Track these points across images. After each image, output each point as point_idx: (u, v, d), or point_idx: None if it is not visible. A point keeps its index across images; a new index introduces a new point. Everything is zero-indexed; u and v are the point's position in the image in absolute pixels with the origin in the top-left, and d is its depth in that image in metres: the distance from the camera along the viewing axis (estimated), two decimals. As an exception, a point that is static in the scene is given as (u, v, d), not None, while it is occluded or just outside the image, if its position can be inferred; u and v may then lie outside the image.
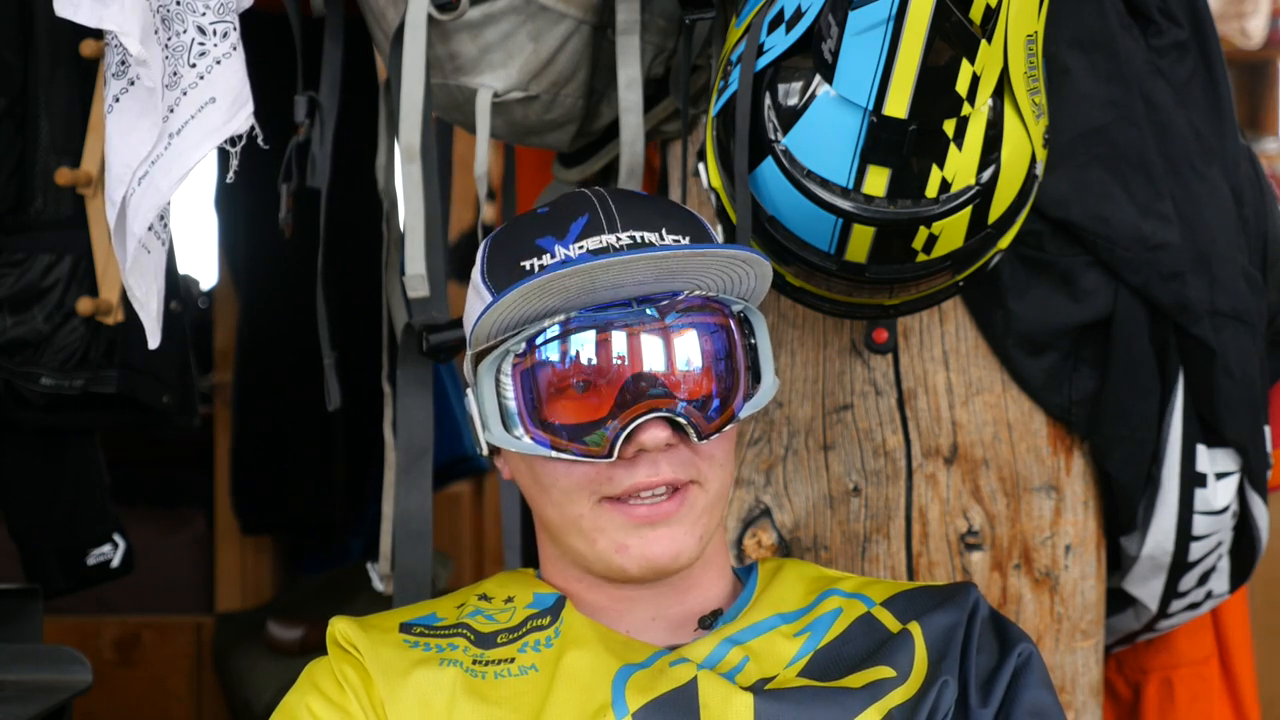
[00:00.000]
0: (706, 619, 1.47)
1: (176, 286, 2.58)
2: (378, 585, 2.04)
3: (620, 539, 1.41)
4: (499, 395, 1.42)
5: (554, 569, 1.50)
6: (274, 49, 2.07)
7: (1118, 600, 1.98)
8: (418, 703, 1.39)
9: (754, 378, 1.45)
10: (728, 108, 1.58)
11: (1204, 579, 1.95)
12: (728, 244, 1.43)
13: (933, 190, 1.49)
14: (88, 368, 2.43)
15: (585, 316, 1.39)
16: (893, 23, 1.42)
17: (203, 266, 4.61)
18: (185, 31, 1.59)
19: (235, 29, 1.61)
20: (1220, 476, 1.88)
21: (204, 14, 1.59)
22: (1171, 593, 1.94)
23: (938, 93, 1.44)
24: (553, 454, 1.40)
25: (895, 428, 1.85)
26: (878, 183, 1.48)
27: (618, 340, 1.39)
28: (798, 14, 1.52)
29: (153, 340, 1.66)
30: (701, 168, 1.67)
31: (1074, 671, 1.88)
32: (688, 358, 1.40)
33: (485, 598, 1.49)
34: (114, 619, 3.83)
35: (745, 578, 1.54)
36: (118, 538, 2.62)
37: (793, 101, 1.51)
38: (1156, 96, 1.83)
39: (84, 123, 2.38)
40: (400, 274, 1.87)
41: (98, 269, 2.39)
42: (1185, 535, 1.89)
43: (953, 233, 1.52)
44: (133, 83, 1.60)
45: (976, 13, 1.43)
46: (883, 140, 1.46)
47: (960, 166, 1.49)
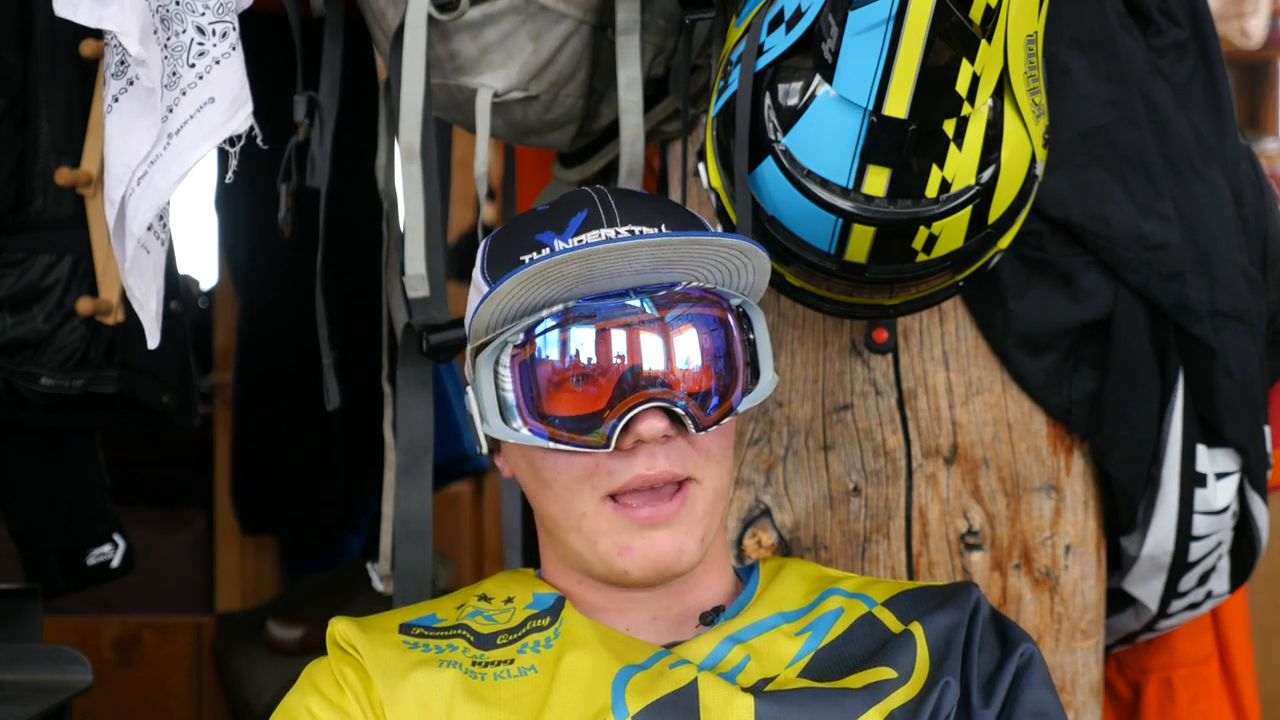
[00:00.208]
0: (708, 615, 1.47)
1: (176, 286, 2.58)
2: (378, 585, 2.04)
3: (623, 541, 1.40)
4: (497, 387, 1.42)
5: (554, 569, 1.50)
6: (274, 49, 2.07)
7: (1118, 600, 1.98)
8: (417, 704, 1.39)
9: (753, 373, 1.45)
10: (728, 108, 1.58)
11: (1204, 579, 1.95)
12: (724, 233, 1.43)
13: (933, 190, 1.49)
14: (88, 368, 2.42)
15: (583, 305, 1.39)
16: (893, 23, 1.42)
17: (203, 266, 4.61)
18: (184, 31, 1.59)
19: (234, 29, 1.61)
20: (1220, 476, 1.88)
21: (203, 14, 1.59)
22: (1171, 593, 1.94)
23: (938, 93, 1.44)
24: (550, 445, 1.39)
25: (895, 428, 1.85)
26: (878, 183, 1.48)
27: (615, 331, 1.38)
28: (798, 14, 1.52)
29: (152, 340, 1.66)
30: (701, 168, 1.67)
31: (1074, 671, 1.88)
32: (686, 350, 1.40)
33: (485, 598, 1.49)
34: (114, 619, 3.83)
35: (746, 577, 1.54)
36: (118, 538, 2.61)
37: (793, 101, 1.51)
38: (1156, 96, 1.83)
39: (84, 123, 2.38)
40: (400, 274, 1.87)
41: (98, 269, 2.39)
42: (1185, 535, 1.89)
43: (953, 233, 1.52)
44: (132, 83, 1.60)
45: (976, 13, 1.43)
46: (883, 140, 1.46)
47: (960, 166, 1.49)
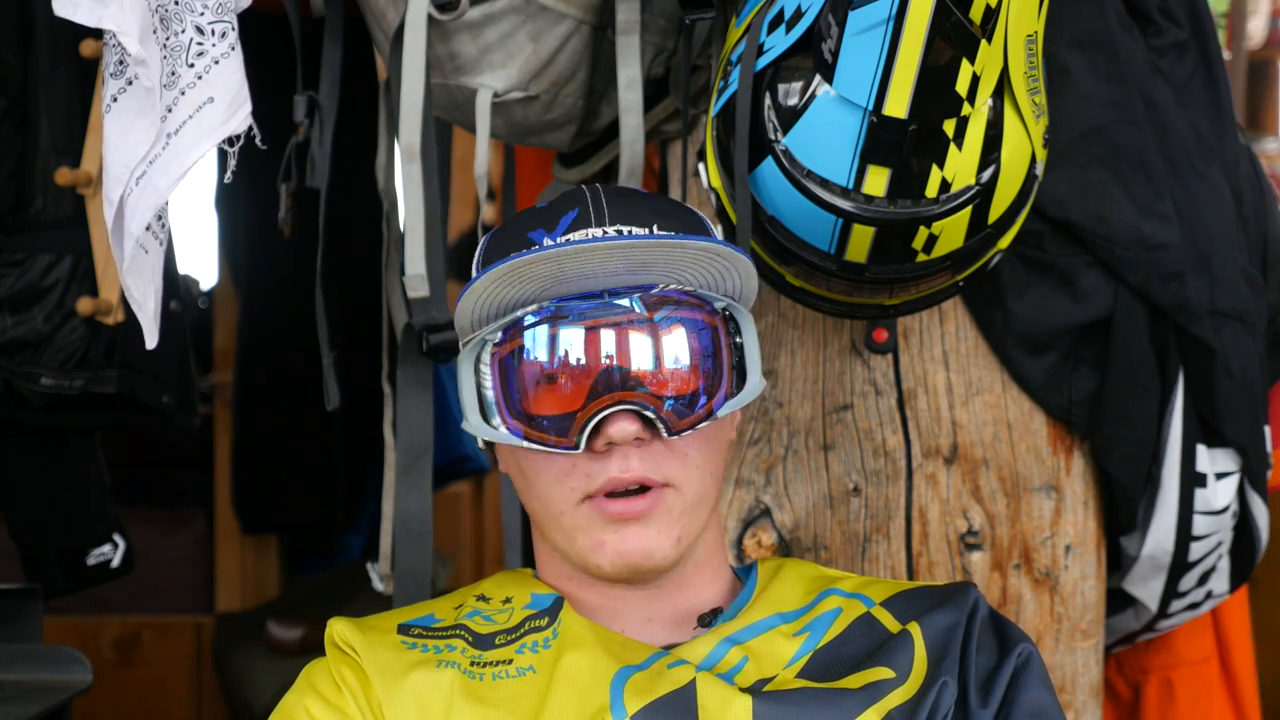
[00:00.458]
0: (706, 617, 1.47)
1: (176, 286, 2.58)
2: (378, 585, 2.04)
3: (597, 536, 1.40)
4: (478, 385, 1.43)
5: (549, 567, 1.50)
6: (274, 49, 2.07)
7: (1118, 600, 1.98)
8: (415, 704, 1.39)
9: (740, 377, 1.43)
10: (728, 108, 1.57)
11: (1204, 579, 1.95)
12: (700, 237, 1.41)
13: (933, 190, 1.48)
14: (88, 368, 2.42)
15: (558, 306, 1.39)
16: (893, 23, 1.41)
17: (203, 266, 4.62)
18: (184, 31, 1.59)
19: (234, 29, 1.61)
20: (1220, 476, 1.88)
21: (202, 14, 1.59)
22: (1171, 593, 1.94)
23: (938, 93, 1.44)
24: (524, 444, 1.40)
25: (895, 428, 1.85)
26: (878, 183, 1.48)
27: (588, 331, 1.38)
28: (798, 14, 1.52)
29: (150, 340, 1.66)
30: (701, 168, 1.67)
31: (1074, 671, 1.88)
32: (661, 352, 1.39)
33: (483, 598, 1.49)
34: (114, 619, 3.83)
35: (745, 577, 1.54)
36: (118, 538, 2.61)
37: (793, 101, 1.51)
38: (1156, 96, 1.83)
39: (84, 123, 2.38)
40: (400, 274, 1.87)
41: (98, 269, 2.39)
42: (1185, 535, 1.89)
43: (953, 233, 1.52)
44: (131, 82, 1.60)
45: (976, 13, 1.43)
46: (883, 140, 1.46)
47: (960, 166, 1.48)
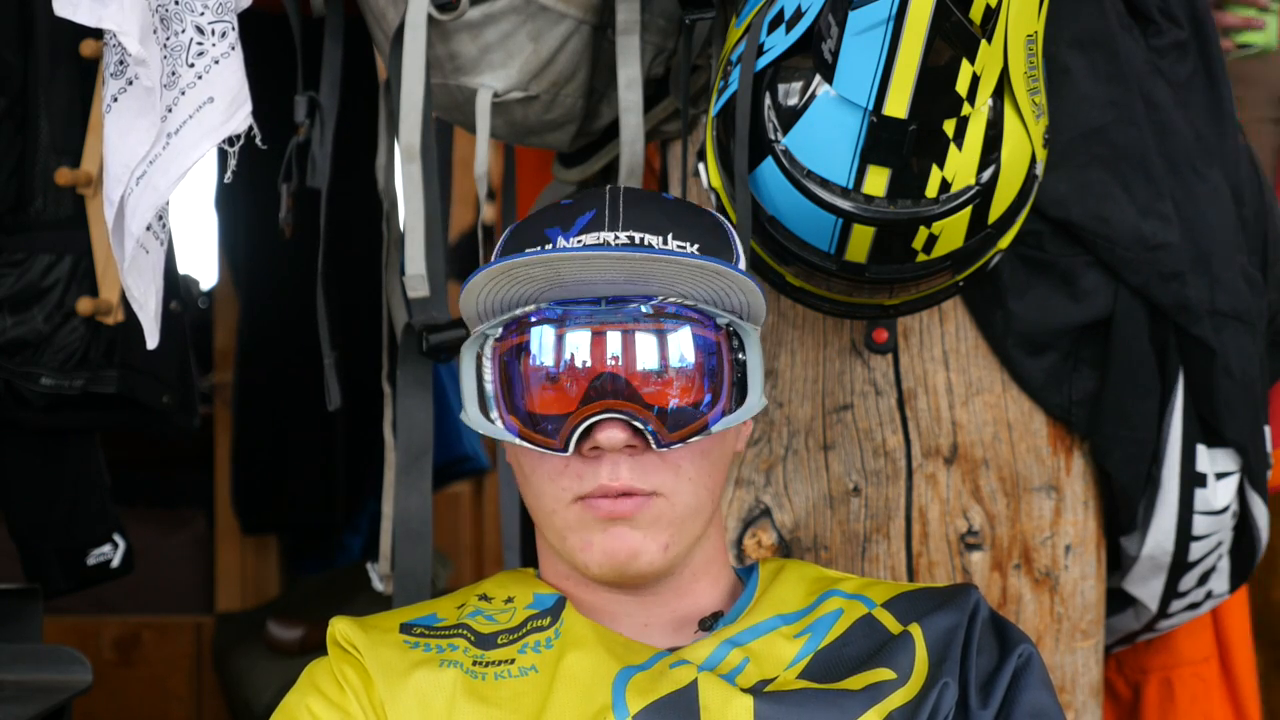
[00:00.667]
0: (707, 621, 1.47)
1: (176, 286, 2.58)
2: (378, 585, 2.04)
3: (586, 536, 1.40)
4: (479, 378, 1.43)
5: (550, 567, 1.50)
6: (274, 49, 2.07)
7: (1118, 600, 1.98)
8: (417, 703, 1.39)
9: (740, 394, 1.42)
10: (728, 108, 1.57)
11: (1204, 579, 1.95)
12: (701, 255, 1.40)
13: (933, 190, 1.48)
14: (88, 368, 2.42)
15: (555, 308, 1.39)
16: (893, 23, 1.42)
17: (203, 266, 4.62)
18: (184, 31, 1.59)
19: (234, 29, 1.61)
20: (1220, 476, 1.88)
21: (202, 13, 1.59)
22: (1171, 593, 1.94)
23: (938, 93, 1.44)
24: (517, 441, 1.40)
25: (895, 428, 1.85)
26: (878, 183, 1.48)
27: (584, 336, 1.38)
28: (798, 14, 1.52)
29: (151, 340, 1.66)
30: (701, 168, 1.67)
31: (1074, 671, 1.88)
32: (657, 362, 1.39)
33: (485, 598, 1.49)
34: (114, 619, 3.83)
35: (746, 578, 1.54)
36: (118, 538, 2.61)
37: (793, 101, 1.51)
38: (1156, 96, 1.83)
39: (84, 123, 2.38)
40: (400, 274, 1.87)
41: (98, 269, 2.39)
42: (1185, 535, 1.89)
43: (953, 233, 1.52)
44: (131, 82, 1.60)
45: (976, 13, 1.43)
46: (883, 140, 1.46)
47: (960, 166, 1.48)
